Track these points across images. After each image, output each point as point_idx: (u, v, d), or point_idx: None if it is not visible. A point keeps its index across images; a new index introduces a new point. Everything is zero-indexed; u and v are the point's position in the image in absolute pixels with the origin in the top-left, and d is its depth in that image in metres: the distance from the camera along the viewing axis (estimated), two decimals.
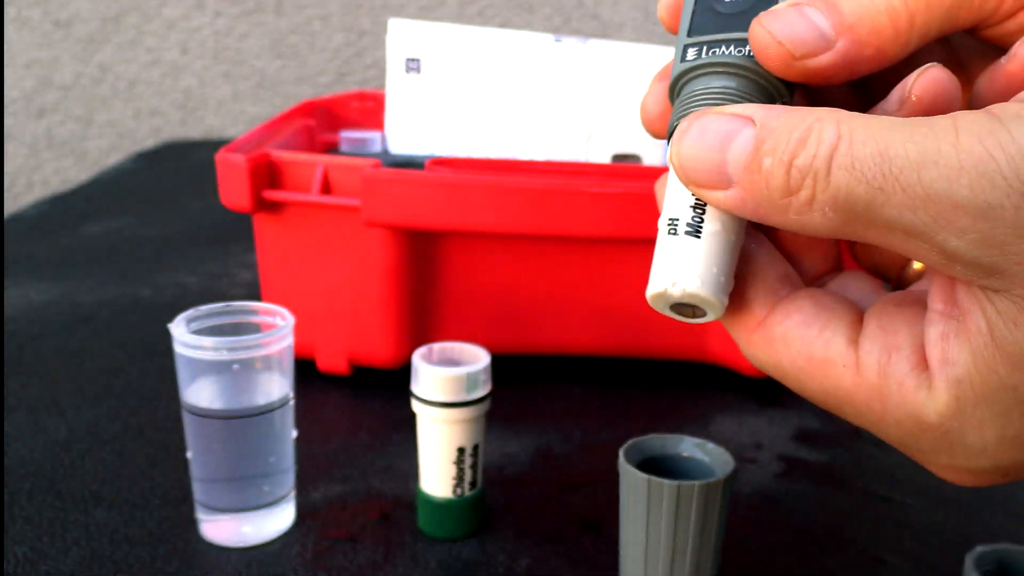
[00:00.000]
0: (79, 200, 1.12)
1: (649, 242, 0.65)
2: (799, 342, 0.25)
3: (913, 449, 0.24)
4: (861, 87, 0.28)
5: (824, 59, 0.24)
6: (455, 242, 0.60)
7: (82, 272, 0.85)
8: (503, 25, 1.55)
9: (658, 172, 0.63)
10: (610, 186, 0.56)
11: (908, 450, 0.24)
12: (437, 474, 0.46)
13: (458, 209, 0.56)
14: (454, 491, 0.46)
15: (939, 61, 0.25)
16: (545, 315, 0.62)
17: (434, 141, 0.73)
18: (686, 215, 0.25)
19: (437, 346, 0.46)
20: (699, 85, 0.26)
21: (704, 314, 0.26)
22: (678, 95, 0.27)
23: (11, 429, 0.57)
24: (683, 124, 0.24)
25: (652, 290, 0.25)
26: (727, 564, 0.45)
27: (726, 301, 0.25)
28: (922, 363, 0.23)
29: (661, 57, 0.71)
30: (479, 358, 0.46)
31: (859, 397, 0.24)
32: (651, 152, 0.70)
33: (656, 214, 0.56)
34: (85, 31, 1.53)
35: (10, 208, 1.60)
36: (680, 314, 0.26)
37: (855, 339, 0.24)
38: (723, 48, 0.26)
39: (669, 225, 0.25)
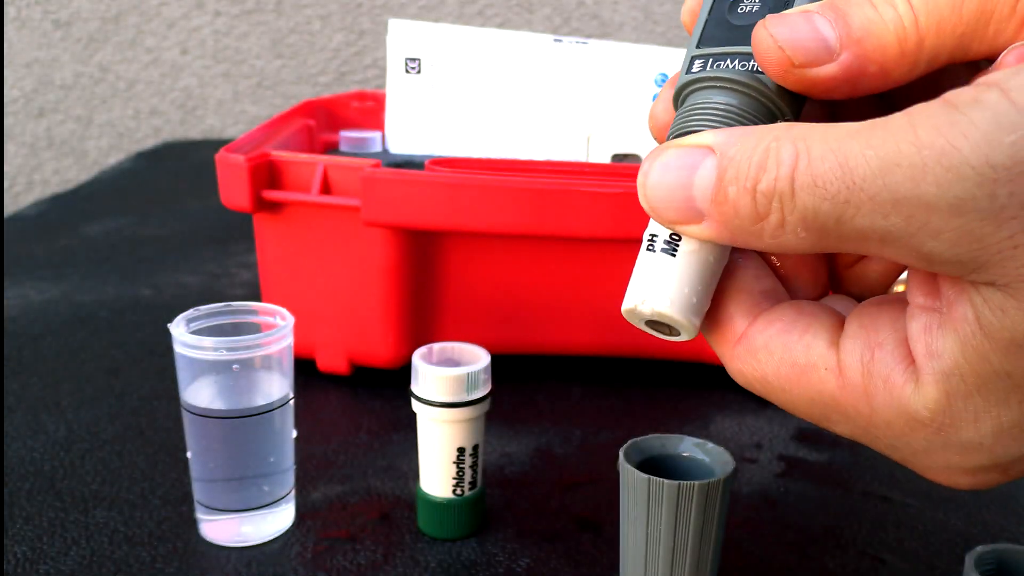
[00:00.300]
0: (79, 200, 1.12)
1: None
2: (781, 350, 0.24)
3: (906, 453, 0.23)
4: (889, 102, 0.27)
5: (825, 71, 0.23)
6: (455, 242, 0.60)
7: (82, 272, 0.85)
8: (503, 25, 1.55)
9: None
10: (610, 186, 0.56)
11: (901, 454, 0.24)
12: (437, 474, 0.46)
13: (458, 209, 0.56)
14: (454, 491, 0.46)
15: (965, 86, 0.25)
16: (545, 315, 0.62)
17: (434, 141, 0.73)
18: (664, 232, 0.25)
19: (437, 346, 0.46)
20: (699, 99, 0.26)
21: (678, 333, 0.25)
22: (680, 106, 0.27)
23: (11, 429, 0.57)
24: (644, 164, 0.24)
25: (625, 305, 0.25)
26: (727, 564, 0.45)
27: (697, 323, 0.25)
28: (907, 358, 0.22)
29: (661, 57, 0.71)
30: (479, 358, 0.46)
31: (845, 401, 0.23)
32: None
33: None
34: (85, 31, 1.53)
35: (10, 208, 1.60)
36: (656, 331, 0.26)
37: (836, 341, 0.24)
38: (727, 61, 0.25)
39: (648, 241, 0.25)
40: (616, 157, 0.71)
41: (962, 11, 0.22)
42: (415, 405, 0.45)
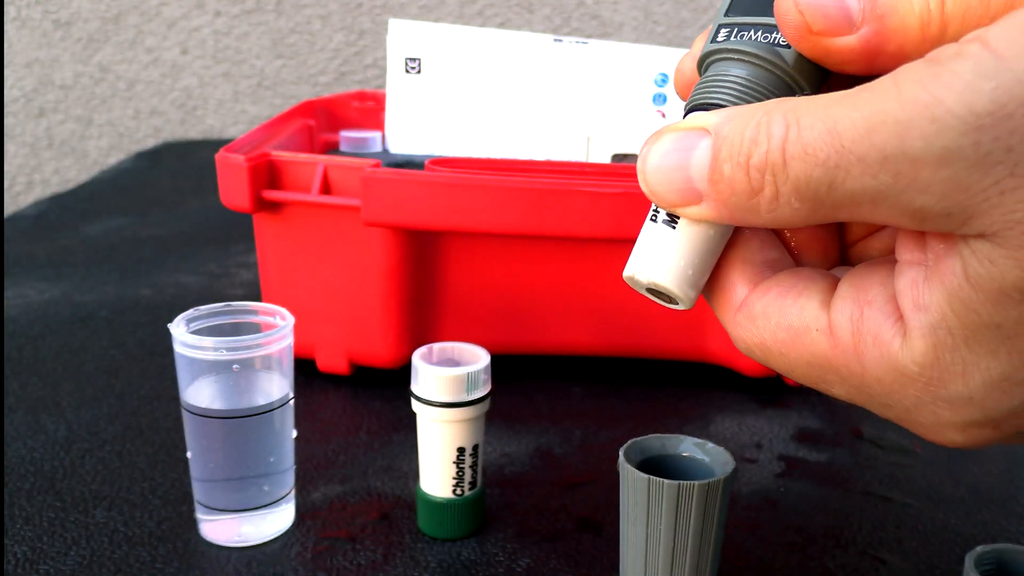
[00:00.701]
0: (79, 200, 1.12)
1: None
2: (777, 314, 0.25)
3: (899, 411, 0.23)
4: None
5: (843, 42, 0.23)
6: (455, 242, 0.60)
7: (82, 272, 0.85)
8: (503, 25, 1.55)
9: None
10: (610, 186, 0.56)
11: (895, 412, 0.24)
12: (437, 474, 0.46)
13: (458, 209, 0.56)
14: (454, 491, 0.46)
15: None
16: (545, 315, 0.62)
17: (434, 141, 0.73)
18: None
19: (437, 346, 0.46)
20: (718, 71, 0.26)
21: (676, 302, 0.26)
22: (702, 74, 0.27)
23: (11, 429, 0.57)
24: (643, 148, 0.24)
25: (626, 272, 0.26)
26: (727, 564, 0.45)
27: (693, 295, 0.26)
28: (896, 313, 0.23)
29: (661, 57, 0.71)
30: (479, 358, 0.46)
31: (838, 360, 0.23)
32: None
33: None
34: (85, 31, 1.53)
35: (10, 208, 1.60)
36: (656, 297, 0.27)
37: (828, 302, 0.24)
38: (751, 33, 0.25)
39: (653, 211, 0.26)
40: (616, 157, 0.71)
41: (990, 4, 0.22)
42: (415, 405, 0.45)
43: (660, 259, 0.25)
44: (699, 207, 0.24)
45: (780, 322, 0.24)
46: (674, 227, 0.25)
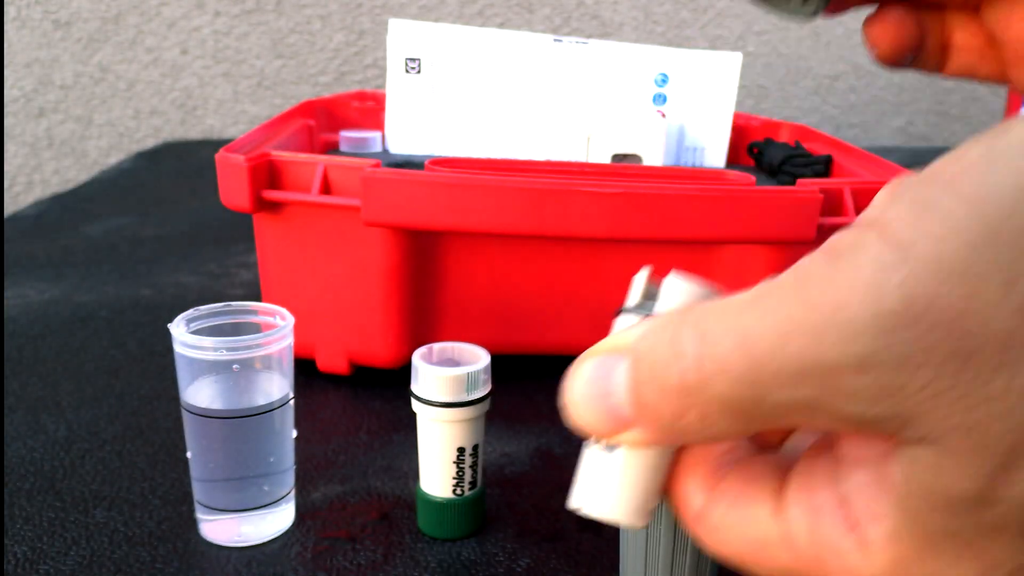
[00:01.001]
0: (79, 200, 1.12)
1: (649, 242, 0.64)
2: (734, 527, 0.23)
3: None
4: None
5: None
6: (455, 242, 0.60)
7: (82, 272, 0.85)
8: (503, 25, 1.55)
9: (658, 172, 0.63)
10: (610, 186, 0.56)
11: None
12: (437, 474, 0.46)
13: (458, 209, 0.56)
14: (454, 491, 0.46)
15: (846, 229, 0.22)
16: (545, 315, 0.62)
17: (434, 141, 0.73)
18: None
19: (437, 346, 0.46)
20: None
21: None
22: None
23: (11, 429, 0.57)
24: (567, 379, 0.23)
25: (571, 504, 0.25)
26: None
27: (645, 517, 0.24)
28: (848, 520, 0.21)
29: (661, 57, 0.71)
30: (479, 358, 0.46)
31: (808, 572, 0.21)
32: (651, 152, 0.70)
33: (657, 214, 0.56)
34: (85, 31, 1.53)
35: (10, 208, 1.60)
36: None
37: (780, 508, 0.22)
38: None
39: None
40: (616, 157, 0.71)
41: None
42: (415, 405, 0.45)
43: (604, 490, 0.24)
44: (631, 433, 0.22)
45: (739, 534, 0.22)
46: (612, 452, 0.24)
